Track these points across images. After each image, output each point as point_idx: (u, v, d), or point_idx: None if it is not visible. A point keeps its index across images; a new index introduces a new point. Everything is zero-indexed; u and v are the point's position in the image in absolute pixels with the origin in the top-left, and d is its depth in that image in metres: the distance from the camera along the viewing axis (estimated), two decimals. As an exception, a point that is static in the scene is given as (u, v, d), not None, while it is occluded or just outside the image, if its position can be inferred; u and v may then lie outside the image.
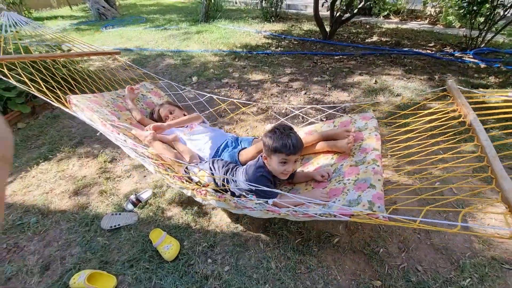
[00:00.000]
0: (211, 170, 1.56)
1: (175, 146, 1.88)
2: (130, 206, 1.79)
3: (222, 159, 1.67)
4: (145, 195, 1.86)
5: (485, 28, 3.84)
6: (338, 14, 4.71)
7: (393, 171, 1.93)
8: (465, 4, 3.86)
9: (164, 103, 2.25)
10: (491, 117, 1.22)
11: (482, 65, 3.59)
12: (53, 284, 1.41)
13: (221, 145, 1.83)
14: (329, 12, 4.85)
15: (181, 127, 2.04)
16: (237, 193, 1.46)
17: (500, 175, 0.90)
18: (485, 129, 1.09)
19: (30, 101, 2.95)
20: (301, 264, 1.43)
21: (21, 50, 2.28)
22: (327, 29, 4.94)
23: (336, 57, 4.16)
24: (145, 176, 2.07)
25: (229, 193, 1.46)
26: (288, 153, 1.28)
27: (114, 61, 4.41)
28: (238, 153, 1.70)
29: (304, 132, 1.88)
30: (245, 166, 1.51)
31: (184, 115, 2.17)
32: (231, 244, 1.54)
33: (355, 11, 4.62)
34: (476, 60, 3.71)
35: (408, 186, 1.62)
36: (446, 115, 1.35)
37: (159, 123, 1.98)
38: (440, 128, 1.37)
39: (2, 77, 1.70)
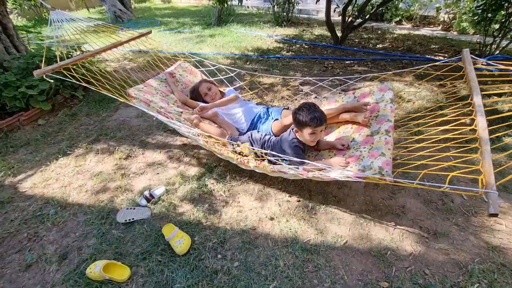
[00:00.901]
0: (251, 142, 1.88)
1: (216, 121, 2.21)
2: (144, 202, 1.85)
3: (259, 131, 2.00)
4: (158, 191, 1.92)
5: (500, 35, 3.80)
6: (349, 20, 4.74)
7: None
8: (479, 11, 3.83)
9: (202, 81, 2.52)
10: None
11: (496, 73, 3.54)
12: (71, 272, 1.48)
13: (254, 117, 2.17)
14: (340, 17, 4.88)
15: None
16: (273, 161, 1.68)
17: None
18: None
19: (50, 98, 3.08)
20: (308, 263, 1.45)
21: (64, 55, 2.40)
22: (339, 34, 4.97)
23: (347, 62, 4.18)
24: (158, 173, 2.14)
25: (266, 161, 1.70)
26: (316, 125, 1.55)
27: (130, 62, 4.55)
28: (271, 125, 2.02)
29: (327, 103, 2.19)
30: (279, 138, 1.82)
31: (220, 91, 2.51)
32: (241, 241, 1.58)
33: (367, 16, 4.64)
34: (489, 68, 3.66)
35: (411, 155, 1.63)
36: (460, 118, 1.43)
37: (203, 104, 2.26)
38: (453, 133, 1.41)
39: (75, 81, 1.89)
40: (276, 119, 2.08)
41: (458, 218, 1.66)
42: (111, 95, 1.90)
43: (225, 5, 5.97)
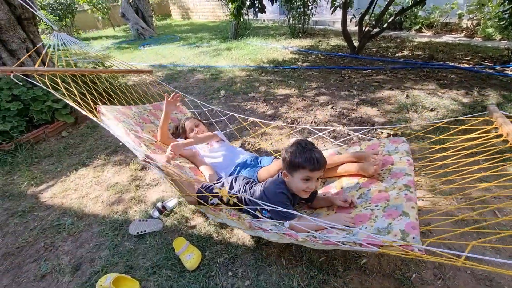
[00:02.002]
0: (230, 187, 1.51)
1: (194, 161, 1.95)
2: (156, 214, 1.84)
3: (240, 176, 1.63)
4: (170, 203, 1.91)
5: (531, 40, 3.57)
6: (367, 29, 4.67)
7: (426, 190, 1.81)
8: (506, 16, 3.64)
9: (190, 117, 2.34)
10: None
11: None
12: (82, 284, 1.47)
13: (240, 163, 1.83)
14: (357, 27, 4.82)
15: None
16: (251, 210, 1.34)
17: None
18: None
19: (73, 112, 3.23)
20: (325, 285, 1.35)
21: (73, 65, 2.54)
22: (355, 44, 4.89)
23: (364, 72, 4.09)
24: (171, 185, 2.14)
25: (243, 212, 1.40)
26: (312, 168, 1.21)
27: (149, 76, 4.71)
28: (257, 172, 1.67)
29: (328, 153, 1.77)
30: (263, 182, 1.46)
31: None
32: (253, 258, 1.52)
33: (385, 25, 4.54)
34: (521, 74, 3.43)
35: (444, 211, 1.49)
36: (487, 134, 1.23)
37: (175, 143, 1.82)
38: (480, 147, 1.27)
39: (43, 86, 1.83)
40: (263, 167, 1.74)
41: (499, 247, 1.50)
42: (78, 108, 1.65)
43: (241, 19, 6.11)
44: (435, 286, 1.31)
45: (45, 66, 2.79)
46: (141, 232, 1.71)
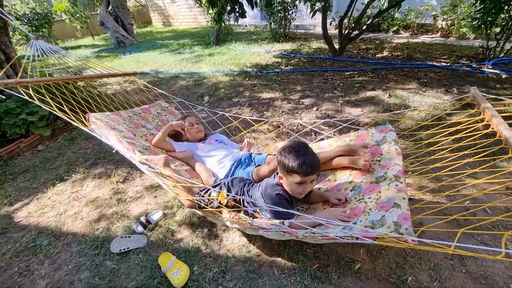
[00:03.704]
0: (228, 187, 1.51)
1: (189, 163, 1.90)
2: (140, 228, 1.75)
3: (237, 177, 1.61)
4: (155, 217, 1.82)
5: (503, 38, 3.73)
6: (346, 32, 4.75)
7: (416, 189, 1.81)
8: (478, 15, 3.80)
9: (189, 115, 2.29)
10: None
11: (504, 75, 3.45)
12: (60, 311, 1.36)
13: (234, 162, 1.81)
14: (337, 30, 4.90)
15: (198, 142, 2.09)
16: (250, 211, 1.39)
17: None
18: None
19: (50, 124, 3.07)
20: (319, 293, 1.31)
21: (47, 76, 2.41)
22: (336, 46, 4.97)
23: (346, 73, 4.14)
24: (155, 197, 2.05)
25: (242, 212, 1.41)
26: (306, 173, 1.21)
27: (130, 84, 4.58)
28: (252, 172, 1.67)
29: (319, 147, 1.83)
30: (261, 183, 1.44)
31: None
32: (244, 270, 1.45)
33: (364, 27, 4.64)
34: (496, 71, 3.57)
35: (434, 205, 1.49)
36: (473, 125, 1.25)
37: (174, 154, 1.96)
38: (466, 141, 1.27)
39: (28, 98, 1.75)
40: (259, 165, 1.74)
41: (485, 236, 1.50)
42: (66, 118, 1.64)
43: (223, 24, 6.10)
44: None
45: (20, 77, 2.63)
46: (124, 249, 1.61)
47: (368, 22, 4.77)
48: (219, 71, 4.75)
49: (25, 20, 8.95)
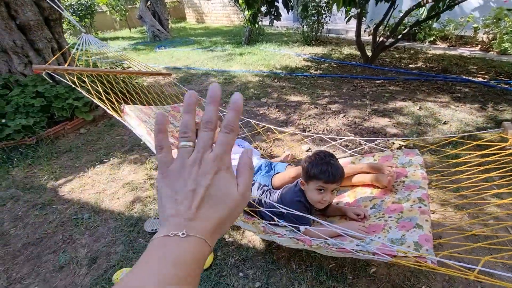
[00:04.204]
0: None
1: None
2: (170, 212, 1.90)
3: (255, 182, 1.65)
4: (184, 203, 1.96)
5: (549, 57, 3.52)
6: (381, 40, 4.69)
7: (438, 204, 1.81)
8: (524, 31, 3.61)
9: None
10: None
11: (546, 96, 3.27)
12: (98, 277, 1.53)
13: (254, 168, 1.84)
14: (371, 37, 4.85)
15: None
16: (267, 216, 1.35)
17: None
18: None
19: (92, 110, 3.35)
20: (334, 291, 1.38)
21: (91, 66, 2.65)
22: (369, 53, 4.92)
23: (377, 82, 4.10)
24: (185, 186, 2.20)
25: (257, 216, 1.41)
26: (326, 180, 1.24)
27: (164, 78, 4.84)
28: (272, 178, 1.71)
29: (342, 162, 1.77)
30: (281, 190, 1.49)
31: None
32: (263, 260, 1.55)
33: (399, 36, 4.56)
34: (538, 91, 3.39)
35: (456, 225, 1.50)
36: (502, 150, 1.25)
37: None
38: (494, 164, 1.28)
39: (71, 85, 1.95)
40: (278, 173, 1.76)
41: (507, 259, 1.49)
42: (103, 106, 1.79)
43: (256, 25, 6.23)
44: (444, 299, 1.32)
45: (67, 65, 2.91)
46: (156, 229, 1.77)
47: (404, 31, 4.68)
48: (249, 71, 4.88)
49: (71, 10, 9.64)
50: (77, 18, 9.74)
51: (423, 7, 4.15)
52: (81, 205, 2.07)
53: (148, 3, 8.79)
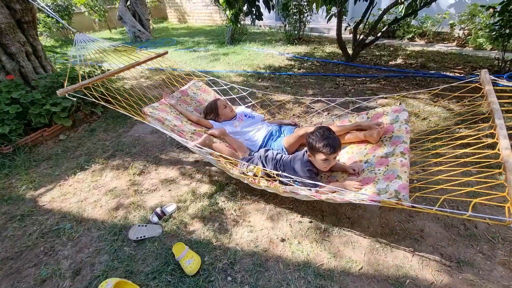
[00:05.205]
0: (262, 163, 1.83)
1: (226, 139, 2.17)
2: (155, 219, 1.87)
3: (269, 149, 1.96)
4: (169, 209, 1.94)
5: (519, 52, 3.71)
6: (361, 37, 4.78)
7: (420, 198, 1.87)
8: (496, 27, 3.78)
9: (217, 100, 2.52)
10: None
11: (517, 89, 3.43)
12: (83, 289, 1.49)
13: (266, 134, 2.16)
14: (352, 35, 4.93)
15: (231, 119, 2.42)
16: (285, 182, 1.63)
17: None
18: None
19: (71, 115, 3.23)
20: (321, 289, 1.40)
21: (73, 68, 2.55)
22: (350, 51, 5.00)
23: (358, 79, 4.18)
24: (170, 190, 2.17)
25: (277, 181, 1.67)
26: (329, 153, 1.51)
27: (146, 80, 4.74)
28: (283, 140, 2.03)
29: (340, 122, 2.15)
30: (291, 157, 1.77)
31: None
32: (251, 263, 1.55)
33: (379, 34, 4.66)
34: (510, 84, 3.55)
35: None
36: (481, 145, 1.36)
37: (211, 131, 2.22)
38: (471, 149, 1.36)
39: (94, 100, 1.93)
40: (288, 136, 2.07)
41: (483, 246, 1.56)
42: (127, 113, 1.90)
43: (238, 25, 6.20)
44: (426, 290, 1.37)
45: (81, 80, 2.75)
46: (141, 237, 1.74)
47: (384, 29, 4.78)
48: (232, 71, 4.85)
49: (46, 12, 9.26)
50: (53, 19, 9.36)
51: (402, 5, 4.25)
52: (62, 215, 2.00)
53: (128, 3, 8.57)
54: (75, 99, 1.99)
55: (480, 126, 1.66)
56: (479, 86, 1.57)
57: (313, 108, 3.35)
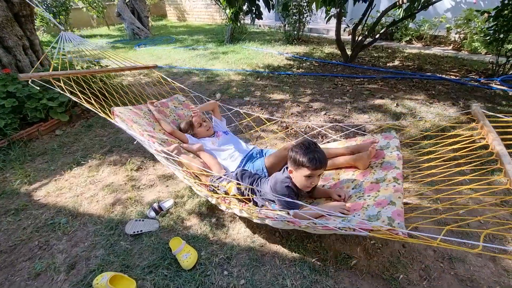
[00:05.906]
0: (238, 179, 1.63)
1: (201, 155, 2.00)
2: (152, 214, 1.87)
3: (247, 170, 1.75)
4: (166, 204, 1.94)
5: (513, 56, 3.77)
6: (359, 39, 4.82)
7: (414, 196, 1.90)
8: (491, 31, 3.84)
9: (193, 117, 2.36)
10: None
11: (511, 93, 3.49)
12: (78, 283, 1.48)
13: (246, 155, 1.97)
14: (350, 36, 4.97)
15: (209, 137, 2.21)
16: (259, 203, 1.52)
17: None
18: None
19: (68, 110, 3.21)
20: (317, 284, 1.41)
21: (67, 66, 2.54)
22: (348, 52, 5.04)
23: (356, 80, 4.21)
24: (167, 186, 2.17)
25: (251, 202, 1.54)
26: (314, 167, 1.33)
27: (145, 77, 4.73)
28: (265, 159, 1.81)
29: (326, 148, 1.95)
30: (270, 177, 1.58)
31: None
32: (247, 258, 1.56)
33: (377, 36, 4.71)
34: (504, 87, 3.62)
35: (429, 208, 1.58)
36: (472, 144, 1.34)
37: (187, 146, 2.09)
38: (467, 158, 1.37)
39: (60, 91, 1.90)
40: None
41: (471, 235, 1.59)
42: (94, 110, 1.83)
43: (238, 24, 6.21)
44: (421, 287, 1.39)
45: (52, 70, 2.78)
46: (138, 232, 1.73)
47: (382, 30, 4.83)
48: (231, 69, 4.86)
49: (44, 6, 9.17)
50: (52, 14, 9.29)
51: (400, 8, 4.31)
52: (57, 210, 1.99)
53: (127, 0, 8.54)
54: (38, 88, 1.96)
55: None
56: (472, 118, 1.47)
57: (311, 108, 3.37)
